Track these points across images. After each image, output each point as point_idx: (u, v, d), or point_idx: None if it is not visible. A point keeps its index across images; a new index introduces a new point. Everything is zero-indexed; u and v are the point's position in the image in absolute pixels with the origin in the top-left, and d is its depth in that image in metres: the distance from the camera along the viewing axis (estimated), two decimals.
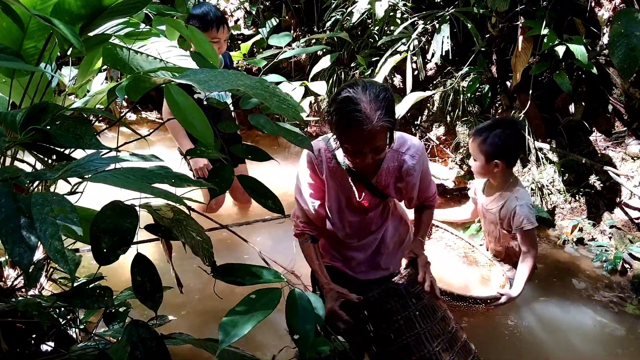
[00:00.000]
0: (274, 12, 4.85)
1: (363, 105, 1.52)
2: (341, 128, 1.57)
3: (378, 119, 1.52)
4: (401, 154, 1.79)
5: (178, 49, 1.82)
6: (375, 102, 1.53)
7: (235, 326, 1.00)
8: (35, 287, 1.72)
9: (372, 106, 1.52)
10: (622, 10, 2.82)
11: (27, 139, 1.09)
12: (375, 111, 1.52)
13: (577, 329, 2.41)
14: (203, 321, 2.37)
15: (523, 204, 2.26)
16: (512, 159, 2.33)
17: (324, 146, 1.80)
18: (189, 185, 1.04)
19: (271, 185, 1.92)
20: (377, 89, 1.56)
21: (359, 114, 1.51)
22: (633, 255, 2.85)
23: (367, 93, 1.54)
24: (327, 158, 1.79)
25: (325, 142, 1.81)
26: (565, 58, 3.10)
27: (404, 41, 3.72)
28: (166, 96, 1.14)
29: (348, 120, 1.53)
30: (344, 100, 1.55)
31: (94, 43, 1.50)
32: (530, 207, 2.27)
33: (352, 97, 1.54)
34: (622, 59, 2.44)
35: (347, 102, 1.54)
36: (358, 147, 1.60)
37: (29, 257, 0.85)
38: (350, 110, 1.52)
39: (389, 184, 1.82)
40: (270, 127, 1.44)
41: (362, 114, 1.51)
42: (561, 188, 3.22)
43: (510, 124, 2.31)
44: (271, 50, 3.79)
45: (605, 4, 3.19)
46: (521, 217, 2.25)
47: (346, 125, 1.55)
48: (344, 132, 1.58)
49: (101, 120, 3.99)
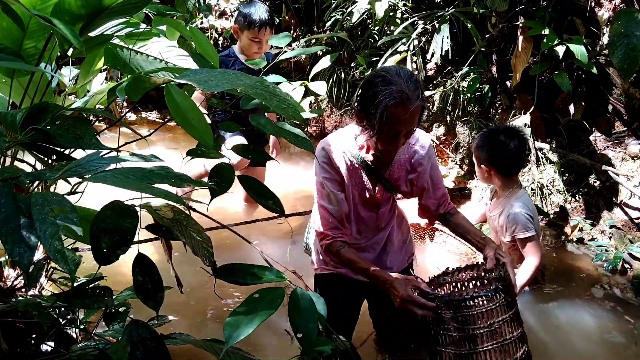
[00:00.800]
0: (274, 12, 4.85)
1: (403, 85, 1.54)
2: (381, 110, 1.55)
3: (417, 98, 1.55)
4: (411, 145, 1.81)
5: (178, 49, 1.82)
6: (411, 81, 1.56)
7: (239, 327, 1.00)
8: (35, 287, 1.71)
9: (409, 86, 1.55)
10: (622, 10, 2.82)
11: (27, 139, 1.09)
12: (413, 91, 1.55)
13: (577, 328, 2.41)
14: (203, 321, 2.37)
15: (518, 211, 2.22)
16: (502, 167, 2.29)
17: (337, 141, 1.79)
18: (189, 185, 1.04)
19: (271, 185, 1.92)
20: (407, 70, 1.60)
21: (401, 93, 1.53)
22: (633, 255, 2.85)
23: (401, 75, 1.56)
24: (342, 152, 1.78)
25: (338, 137, 1.80)
26: (565, 58, 3.10)
27: (403, 41, 3.72)
28: (166, 97, 1.14)
29: (391, 101, 1.54)
30: (383, 82, 1.56)
31: (94, 43, 1.49)
32: (526, 215, 2.22)
33: (390, 79, 1.55)
34: (622, 59, 2.44)
35: (386, 83, 1.55)
36: (398, 129, 1.61)
37: (29, 257, 0.85)
38: (392, 91, 1.53)
39: (400, 177, 1.82)
40: (270, 127, 1.44)
41: (404, 94, 1.53)
42: (561, 188, 3.22)
43: (510, 132, 2.27)
44: (271, 50, 3.79)
45: (605, 4, 3.19)
46: (513, 225, 2.22)
47: (388, 106, 1.54)
48: (386, 113, 1.56)
49: (101, 120, 3.99)
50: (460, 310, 1.55)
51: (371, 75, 1.63)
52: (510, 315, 1.56)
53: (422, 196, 1.90)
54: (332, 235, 1.79)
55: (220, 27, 4.92)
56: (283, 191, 3.33)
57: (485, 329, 1.53)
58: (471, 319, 1.54)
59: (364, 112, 1.63)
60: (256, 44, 2.77)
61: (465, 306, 1.55)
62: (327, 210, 1.78)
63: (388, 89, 1.54)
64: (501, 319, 1.55)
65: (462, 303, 1.55)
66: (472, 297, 1.55)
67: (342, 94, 4.39)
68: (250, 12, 2.73)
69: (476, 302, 1.55)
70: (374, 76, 1.61)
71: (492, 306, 1.54)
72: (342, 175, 1.78)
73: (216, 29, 4.88)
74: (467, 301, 1.55)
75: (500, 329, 1.54)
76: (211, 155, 1.41)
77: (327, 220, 1.79)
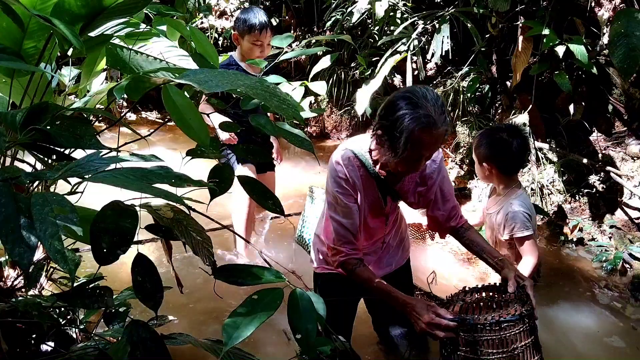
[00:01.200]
0: (274, 12, 4.85)
1: (430, 109, 1.51)
2: (407, 134, 1.52)
3: (443, 122, 1.53)
4: None
5: (178, 49, 1.82)
6: (437, 105, 1.53)
7: (238, 328, 1.00)
8: (35, 287, 1.71)
9: (436, 109, 1.52)
10: (622, 10, 2.82)
11: (27, 139, 1.09)
12: (440, 114, 1.52)
13: (577, 328, 2.41)
14: (203, 321, 2.37)
15: (517, 210, 2.21)
16: (503, 166, 2.29)
17: (352, 154, 1.73)
18: (189, 185, 1.04)
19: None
20: (433, 92, 1.56)
21: (429, 118, 1.50)
22: (633, 255, 2.85)
23: (427, 97, 1.53)
24: (357, 166, 1.73)
25: (352, 149, 1.74)
26: (565, 58, 3.10)
27: (404, 41, 3.72)
28: (163, 96, 1.14)
29: (418, 125, 1.50)
30: (409, 105, 1.52)
31: (94, 43, 1.49)
32: (525, 215, 2.20)
33: (417, 102, 1.51)
34: (622, 59, 2.44)
35: (412, 106, 1.51)
36: (422, 153, 1.59)
37: (29, 257, 0.85)
38: (419, 116, 1.50)
39: (409, 189, 1.81)
40: (270, 127, 1.44)
41: (431, 118, 1.50)
42: (561, 188, 3.22)
43: (512, 131, 2.25)
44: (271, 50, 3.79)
45: (605, 4, 3.19)
46: (512, 224, 2.21)
47: (415, 131, 1.51)
48: (411, 138, 1.53)
49: (101, 120, 3.99)
50: (482, 335, 1.54)
51: (396, 96, 1.58)
52: (532, 341, 1.56)
53: (430, 207, 1.88)
54: (347, 252, 1.75)
55: (220, 27, 4.92)
56: (283, 191, 3.33)
57: (508, 354, 1.53)
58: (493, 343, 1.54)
59: (387, 135, 1.58)
60: (258, 48, 2.78)
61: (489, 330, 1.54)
62: (341, 223, 1.74)
63: (415, 113, 1.51)
64: (523, 344, 1.54)
65: (487, 327, 1.54)
66: (499, 322, 1.53)
67: (342, 94, 4.39)
68: (249, 17, 2.76)
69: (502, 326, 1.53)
70: (399, 97, 1.56)
71: (516, 331, 1.53)
72: (356, 189, 1.74)
73: (216, 29, 4.89)
74: (493, 326, 1.53)
75: (521, 355, 1.54)
76: (210, 156, 1.41)
77: (340, 234, 1.75)
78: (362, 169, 1.73)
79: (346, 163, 1.71)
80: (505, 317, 1.53)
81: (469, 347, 1.55)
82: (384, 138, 1.60)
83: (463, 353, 1.56)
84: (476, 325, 1.54)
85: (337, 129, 4.72)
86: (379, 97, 4.05)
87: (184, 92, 1.27)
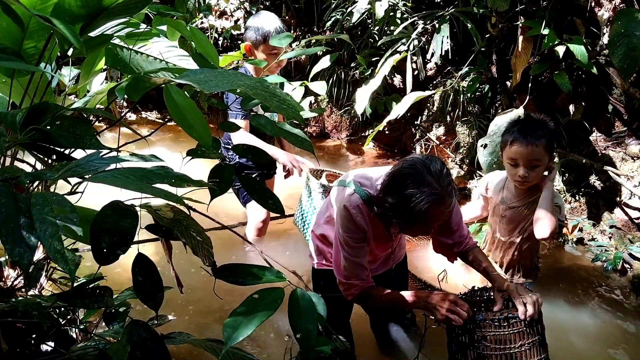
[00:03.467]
0: (274, 12, 4.85)
1: (436, 185, 1.51)
2: (416, 213, 1.53)
3: (450, 194, 1.54)
4: None
5: (178, 49, 1.82)
6: (442, 177, 1.53)
7: (238, 327, 1.00)
8: (35, 287, 1.71)
9: (442, 183, 1.52)
10: (622, 10, 2.82)
11: (27, 139, 1.09)
12: (446, 187, 1.53)
13: (577, 328, 2.41)
14: (203, 321, 2.37)
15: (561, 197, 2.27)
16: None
17: (361, 202, 1.72)
18: (189, 185, 1.04)
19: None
20: (437, 162, 1.56)
21: (437, 196, 1.51)
22: (633, 255, 2.85)
23: (431, 172, 1.53)
24: (366, 212, 1.72)
25: (361, 195, 1.73)
26: (565, 58, 3.10)
27: (403, 41, 3.72)
28: (165, 96, 1.14)
29: (426, 204, 1.50)
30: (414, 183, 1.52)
31: (94, 43, 1.50)
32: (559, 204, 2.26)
33: (422, 180, 1.51)
34: (622, 59, 2.44)
35: (418, 184, 1.51)
36: (431, 226, 1.61)
37: (29, 257, 0.85)
38: (426, 194, 1.50)
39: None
40: (271, 128, 1.44)
41: (439, 195, 1.51)
42: (561, 188, 3.22)
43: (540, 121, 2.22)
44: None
45: (605, 4, 3.19)
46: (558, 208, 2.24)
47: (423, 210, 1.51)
48: (420, 216, 1.54)
49: (101, 120, 3.99)
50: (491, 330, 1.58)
51: (401, 173, 1.57)
52: (539, 339, 1.60)
53: (436, 233, 1.90)
54: (360, 285, 1.78)
55: (221, 27, 4.92)
56: (283, 192, 3.33)
57: (514, 351, 1.57)
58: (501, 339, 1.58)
59: (395, 210, 1.59)
60: (274, 57, 2.50)
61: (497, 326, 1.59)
62: (352, 261, 1.76)
63: (422, 192, 1.50)
64: (530, 341, 1.58)
65: (495, 323, 1.58)
66: (507, 318, 1.58)
67: (342, 94, 4.39)
68: (262, 24, 2.48)
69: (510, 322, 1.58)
70: (403, 175, 1.56)
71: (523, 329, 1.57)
72: (365, 233, 1.75)
73: (216, 29, 4.88)
74: (502, 321, 1.58)
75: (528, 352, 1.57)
76: (211, 156, 1.41)
77: (351, 271, 1.77)
78: (371, 216, 1.72)
79: (355, 212, 1.71)
80: (514, 314, 1.57)
81: (477, 343, 1.59)
82: (391, 210, 1.60)
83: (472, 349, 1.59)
84: (485, 320, 1.58)
85: (337, 129, 4.72)
86: (379, 97, 4.05)
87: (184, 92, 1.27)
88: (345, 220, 1.73)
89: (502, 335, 1.57)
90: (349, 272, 1.78)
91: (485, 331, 1.58)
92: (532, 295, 1.60)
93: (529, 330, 1.58)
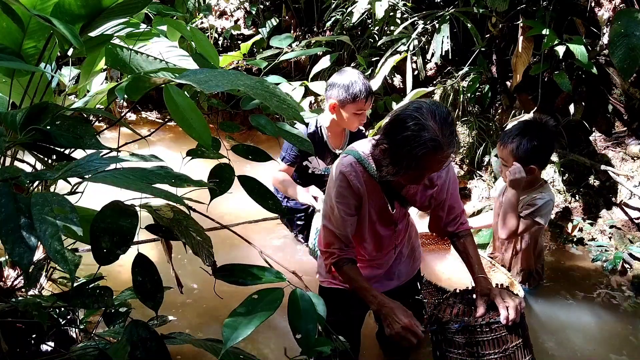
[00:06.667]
0: (273, 12, 4.85)
1: (437, 132, 1.43)
2: (411, 157, 1.47)
3: (450, 144, 1.46)
4: None
5: (178, 49, 1.82)
6: (446, 126, 1.45)
7: (238, 327, 1.00)
8: (35, 287, 1.71)
9: (444, 132, 1.44)
10: (622, 10, 2.82)
11: (27, 139, 1.09)
12: (447, 137, 1.45)
13: (577, 328, 2.41)
14: (203, 321, 2.37)
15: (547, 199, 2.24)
16: (544, 163, 2.29)
17: (354, 160, 1.68)
18: (189, 185, 1.04)
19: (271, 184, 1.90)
20: (443, 110, 1.48)
21: (435, 142, 1.43)
22: (633, 255, 2.85)
23: (436, 118, 1.45)
24: (360, 171, 1.68)
25: (354, 154, 1.70)
26: (565, 58, 3.10)
27: (403, 41, 3.72)
28: (165, 96, 1.14)
29: (422, 150, 1.44)
30: (415, 126, 1.44)
31: (94, 43, 1.50)
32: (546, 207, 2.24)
33: (423, 124, 1.44)
34: (622, 59, 2.45)
35: (419, 129, 1.44)
36: (424, 173, 1.55)
37: (29, 257, 0.85)
38: (425, 140, 1.43)
39: (417, 191, 1.77)
40: (271, 128, 1.44)
41: (438, 142, 1.44)
42: (561, 188, 3.22)
43: (541, 127, 2.21)
44: (271, 51, 3.79)
45: (605, 4, 3.19)
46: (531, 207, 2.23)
47: (419, 156, 1.45)
48: (415, 161, 1.48)
49: (101, 120, 3.99)
50: (474, 336, 1.57)
51: (404, 113, 1.49)
52: (523, 342, 1.58)
53: (436, 208, 1.84)
54: (338, 253, 1.75)
55: (220, 27, 4.92)
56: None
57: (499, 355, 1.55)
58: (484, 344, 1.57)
59: (391, 152, 1.53)
60: (360, 116, 2.47)
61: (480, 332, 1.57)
62: (333, 232, 1.74)
63: (421, 137, 1.43)
64: (514, 344, 1.56)
65: (478, 329, 1.57)
66: (489, 323, 1.56)
67: None
68: (351, 84, 2.41)
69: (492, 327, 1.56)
70: (407, 116, 1.48)
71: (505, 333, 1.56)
72: (360, 197, 1.70)
73: (216, 29, 4.88)
74: (483, 327, 1.56)
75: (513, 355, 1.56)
76: (211, 156, 1.41)
77: (331, 241, 1.76)
78: (365, 174, 1.68)
79: (348, 170, 1.67)
80: (495, 319, 1.56)
81: (461, 349, 1.59)
82: (386, 153, 1.55)
83: (456, 355, 1.58)
84: (467, 326, 1.57)
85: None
86: (379, 97, 4.04)
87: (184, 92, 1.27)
88: (340, 186, 1.68)
89: (485, 340, 1.56)
90: (329, 242, 1.76)
91: (469, 337, 1.57)
92: (514, 299, 1.57)
93: (513, 334, 1.56)
